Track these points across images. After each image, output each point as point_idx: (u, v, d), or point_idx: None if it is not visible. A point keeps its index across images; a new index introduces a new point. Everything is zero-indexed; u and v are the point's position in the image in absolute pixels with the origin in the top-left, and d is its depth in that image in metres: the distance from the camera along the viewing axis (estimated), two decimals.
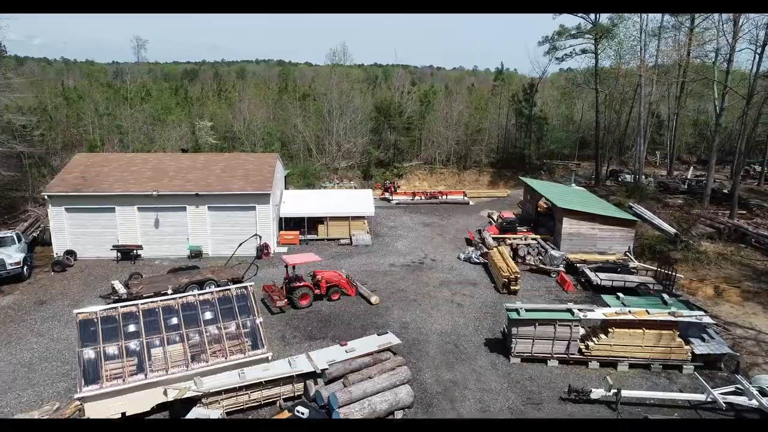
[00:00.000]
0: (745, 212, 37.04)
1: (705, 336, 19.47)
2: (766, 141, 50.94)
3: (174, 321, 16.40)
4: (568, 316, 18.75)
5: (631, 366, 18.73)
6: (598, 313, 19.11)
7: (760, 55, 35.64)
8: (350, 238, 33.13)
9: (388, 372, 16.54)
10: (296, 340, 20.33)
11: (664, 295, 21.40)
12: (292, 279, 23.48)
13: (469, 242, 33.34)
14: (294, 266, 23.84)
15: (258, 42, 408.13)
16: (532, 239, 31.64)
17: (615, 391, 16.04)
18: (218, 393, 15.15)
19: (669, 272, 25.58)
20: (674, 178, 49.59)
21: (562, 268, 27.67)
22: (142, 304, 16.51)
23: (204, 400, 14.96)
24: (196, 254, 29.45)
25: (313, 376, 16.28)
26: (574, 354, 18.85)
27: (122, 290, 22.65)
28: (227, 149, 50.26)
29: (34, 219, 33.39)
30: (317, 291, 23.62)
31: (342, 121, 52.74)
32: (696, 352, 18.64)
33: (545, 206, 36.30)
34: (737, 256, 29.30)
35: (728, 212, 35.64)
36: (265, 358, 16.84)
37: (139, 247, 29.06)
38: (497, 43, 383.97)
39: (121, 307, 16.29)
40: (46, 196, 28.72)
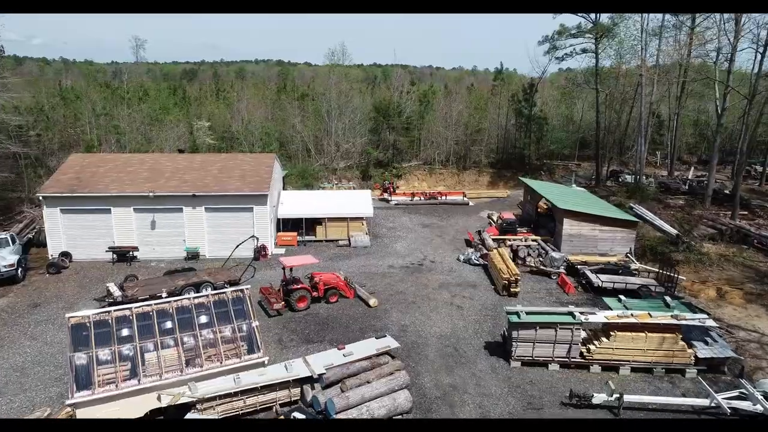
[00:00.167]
0: (747, 213, 36.81)
1: (708, 339, 19.23)
2: (767, 141, 50.74)
3: (168, 325, 16.12)
4: (569, 319, 18.52)
5: (633, 370, 18.50)
6: (600, 316, 18.89)
7: (762, 54, 35.37)
8: (349, 240, 32.87)
9: (387, 377, 16.30)
10: (293, 343, 20.07)
11: (667, 298, 21.17)
12: (290, 281, 23.21)
13: (468, 243, 33.07)
14: (291, 268, 23.59)
15: (257, 42, 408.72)
16: (533, 240, 31.36)
17: (617, 396, 15.79)
18: (213, 398, 14.91)
19: (671, 274, 25.38)
20: (675, 178, 49.35)
21: (562, 270, 27.40)
22: (135, 307, 16.24)
23: (199, 406, 14.73)
24: (192, 256, 29.15)
25: (310, 380, 16.03)
26: (575, 358, 18.62)
27: (117, 293, 22.39)
28: (225, 149, 49.92)
29: (29, 220, 33.09)
30: (315, 293, 23.37)
31: (341, 121, 52.46)
32: (699, 355, 18.40)
33: (545, 207, 36.01)
34: (739, 257, 29.06)
35: (730, 213, 35.42)
36: (262, 363, 16.57)
37: (135, 248, 28.79)
38: (497, 43, 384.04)
39: (115, 310, 16.03)
40: (40, 197, 28.43)
